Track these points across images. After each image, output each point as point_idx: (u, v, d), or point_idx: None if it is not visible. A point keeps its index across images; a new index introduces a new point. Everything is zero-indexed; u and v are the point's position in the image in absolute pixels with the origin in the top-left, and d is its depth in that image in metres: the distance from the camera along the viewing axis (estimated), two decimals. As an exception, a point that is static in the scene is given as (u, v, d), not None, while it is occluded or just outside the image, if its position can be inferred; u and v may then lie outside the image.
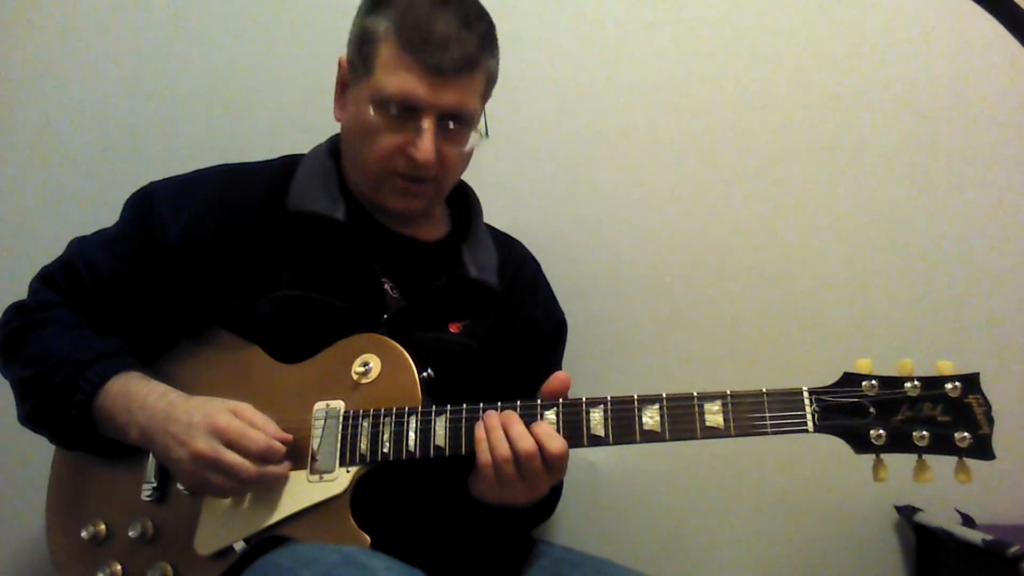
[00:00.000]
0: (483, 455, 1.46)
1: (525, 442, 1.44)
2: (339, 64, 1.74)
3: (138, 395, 1.57)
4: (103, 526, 1.64)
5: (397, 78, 1.60)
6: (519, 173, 2.29)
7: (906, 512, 2.13)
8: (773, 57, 2.32)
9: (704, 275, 2.28)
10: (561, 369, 1.89)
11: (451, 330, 1.74)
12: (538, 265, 2.02)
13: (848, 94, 2.30)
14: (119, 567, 1.61)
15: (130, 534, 1.60)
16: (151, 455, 1.62)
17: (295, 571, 1.33)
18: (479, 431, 1.48)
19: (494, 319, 1.80)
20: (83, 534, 1.64)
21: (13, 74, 2.34)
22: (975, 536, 1.89)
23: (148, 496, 1.62)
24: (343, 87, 1.74)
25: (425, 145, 1.61)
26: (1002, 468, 2.05)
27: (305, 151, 1.84)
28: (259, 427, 1.52)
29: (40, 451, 1.74)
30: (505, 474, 1.45)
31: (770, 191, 2.30)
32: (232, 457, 1.48)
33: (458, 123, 1.65)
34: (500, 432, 1.46)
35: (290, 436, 1.54)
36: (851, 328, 2.25)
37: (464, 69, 1.61)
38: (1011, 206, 2.27)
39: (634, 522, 2.23)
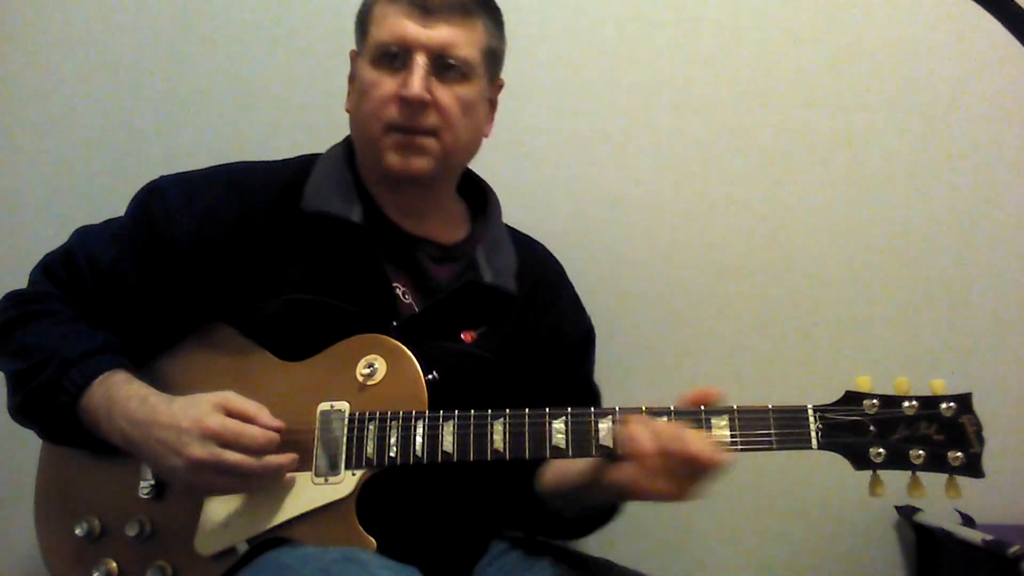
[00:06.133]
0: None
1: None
2: (350, 57, 1.81)
3: (119, 400, 1.57)
4: (97, 523, 1.66)
5: (387, 24, 1.69)
6: (519, 173, 2.33)
7: (906, 512, 2.20)
8: (773, 57, 2.37)
9: (704, 275, 2.34)
10: (593, 378, 1.97)
11: (464, 339, 1.75)
12: (561, 268, 2.03)
13: (848, 94, 2.36)
14: (115, 565, 1.64)
15: (127, 532, 1.62)
16: None
17: (294, 567, 1.39)
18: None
19: (512, 326, 1.81)
20: (77, 531, 1.65)
21: (14, 73, 2.37)
22: (975, 536, 1.97)
23: (146, 493, 1.64)
24: (352, 78, 1.81)
25: (413, 80, 1.65)
26: (1002, 468, 2.16)
27: (308, 151, 1.88)
28: (251, 416, 1.54)
29: (29, 446, 1.77)
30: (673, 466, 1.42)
31: (770, 191, 2.36)
32: (233, 456, 1.49)
33: (453, 67, 1.70)
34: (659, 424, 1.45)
35: (282, 424, 1.55)
36: (850, 328, 2.33)
37: (455, 10, 1.69)
38: (1012, 207, 2.34)
39: (634, 522, 2.21)
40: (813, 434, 1.47)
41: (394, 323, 1.69)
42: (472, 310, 1.77)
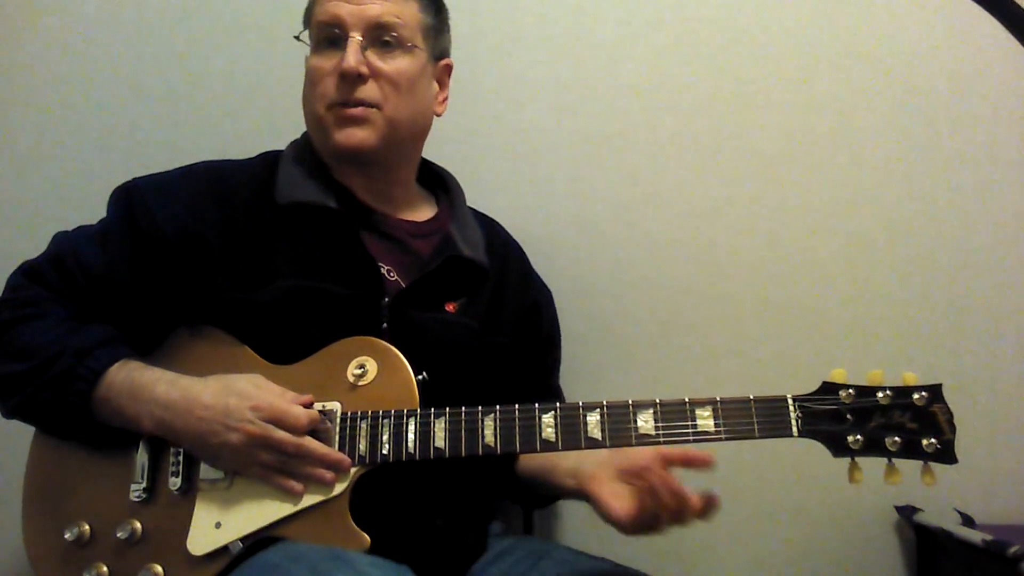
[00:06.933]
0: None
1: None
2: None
3: (145, 385, 1.61)
4: (87, 527, 1.66)
5: (324, 8, 1.77)
6: (519, 173, 2.35)
7: (906, 512, 2.20)
8: (773, 57, 2.39)
9: (703, 276, 2.35)
10: (560, 339, 2.08)
11: (448, 310, 1.80)
12: (519, 245, 2.09)
13: (848, 94, 2.37)
14: (105, 569, 1.63)
15: (118, 535, 1.62)
16: (139, 454, 1.65)
17: (283, 567, 1.41)
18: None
19: (488, 299, 1.88)
20: (66, 536, 1.64)
21: (13, 72, 2.41)
22: (975, 536, 1.96)
23: (137, 497, 1.64)
24: None
25: (348, 54, 1.72)
26: (1002, 468, 2.17)
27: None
28: (283, 395, 1.60)
29: (16, 450, 1.76)
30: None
31: (769, 191, 2.37)
32: (281, 434, 1.55)
33: (389, 41, 1.77)
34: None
35: (314, 413, 1.60)
36: (845, 328, 2.34)
37: None
38: (1010, 207, 2.35)
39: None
40: (793, 422, 1.51)
41: (386, 299, 1.73)
42: (452, 283, 1.83)
